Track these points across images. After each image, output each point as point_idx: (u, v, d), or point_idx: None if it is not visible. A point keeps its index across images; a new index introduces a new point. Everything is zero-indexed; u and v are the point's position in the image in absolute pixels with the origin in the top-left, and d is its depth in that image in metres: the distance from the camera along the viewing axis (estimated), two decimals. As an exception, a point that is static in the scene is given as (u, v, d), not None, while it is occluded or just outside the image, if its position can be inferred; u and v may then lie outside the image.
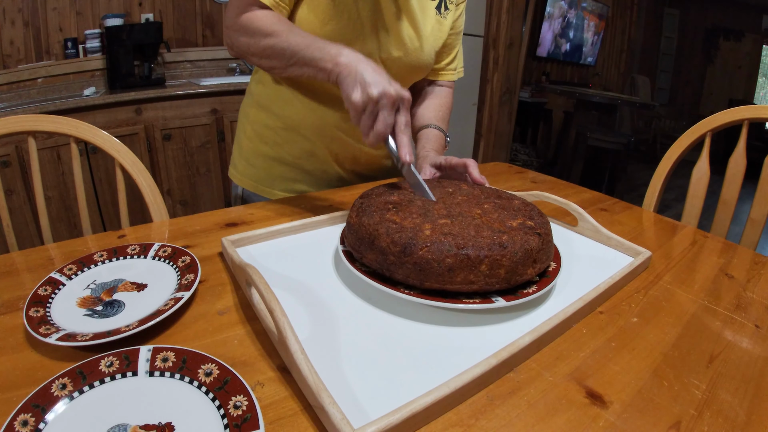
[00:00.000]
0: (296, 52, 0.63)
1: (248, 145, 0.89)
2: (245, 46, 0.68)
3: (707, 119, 0.92)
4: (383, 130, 0.56)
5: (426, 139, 0.83)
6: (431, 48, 0.81)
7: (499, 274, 0.45)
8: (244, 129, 0.90)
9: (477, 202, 0.55)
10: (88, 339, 0.38)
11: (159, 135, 2.05)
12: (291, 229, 0.63)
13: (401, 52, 0.77)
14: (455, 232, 0.46)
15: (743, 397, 0.38)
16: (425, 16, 0.79)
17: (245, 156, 0.90)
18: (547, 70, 4.46)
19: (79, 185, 0.82)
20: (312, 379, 0.33)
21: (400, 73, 0.80)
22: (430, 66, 0.84)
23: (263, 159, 0.87)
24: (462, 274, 0.44)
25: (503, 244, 0.45)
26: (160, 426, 0.31)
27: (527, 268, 0.46)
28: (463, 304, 0.44)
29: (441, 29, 0.82)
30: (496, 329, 0.45)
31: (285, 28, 0.65)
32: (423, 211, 0.51)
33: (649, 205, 0.94)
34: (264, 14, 0.67)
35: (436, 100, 0.91)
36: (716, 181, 0.93)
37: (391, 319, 0.46)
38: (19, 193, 1.73)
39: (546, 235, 0.50)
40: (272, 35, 0.65)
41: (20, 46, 1.98)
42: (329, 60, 0.60)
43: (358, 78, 0.56)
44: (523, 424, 0.34)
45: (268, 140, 0.85)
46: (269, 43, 0.65)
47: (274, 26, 0.65)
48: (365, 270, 0.49)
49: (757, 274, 0.61)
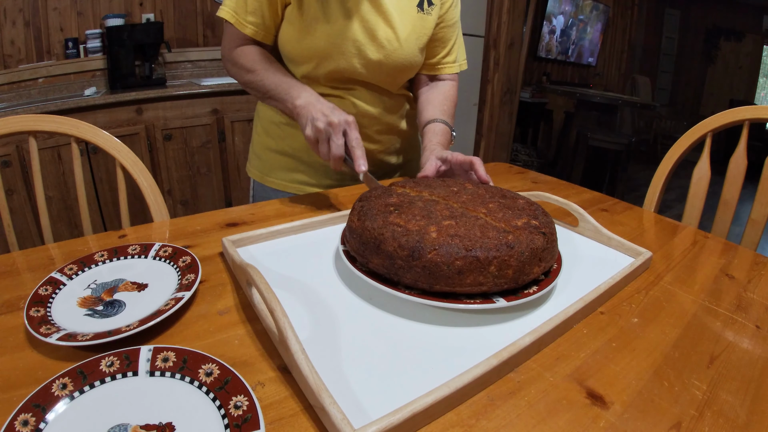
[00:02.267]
0: (268, 91, 0.78)
1: (257, 140, 0.96)
2: (234, 75, 0.83)
3: (708, 120, 0.92)
4: (336, 152, 0.66)
5: (432, 133, 0.84)
6: (413, 46, 0.83)
7: (507, 274, 0.45)
8: (256, 126, 0.98)
9: (482, 202, 0.55)
10: (88, 339, 0.38)
11: (160, 135, 2.05)
12: (291, 229, 0.63)
13: (381, 54, 0.80)
14: (461, 233, 0.46)
15: (744, 398, 0.38)
16: (403, 15, 0.81)
17: (255, 150, 0.97)
18: (547, 71, 4.46)
19: (79, 185, 0.82)
20: (312, 379, 0.33)
21: (386, 73, 0.83)
22: (417, 63, 0.86)
23: (268, 152, 0.94)
24: (471, 276, 0.44)
25: (510, 244, 0.45)
26: (161, 426, 0.31)
27: (533, 267, 0.47)
28: (463, 305, 0.44)
29: (424, 26, 0.83)
30: (496, 330, 0.45)
31: (262, 66, 0.78)
32: (426, 213, 0.50)
33: (650, 205, 0.94)
34: (250, 50, 0.80)
35: (439, 95, 0.92)
36: (717, 181, 0.93)
37: (392, 319, 0.46)
38: (20, 193, 1.73)
39: (551, 234, 0.50)
40: (251, 72, 0.79)
41: (21, 46, 1.98)
42: (289, 102, 0.74)
43: (309, 116, 0.69)
44: (523, 424, 0.34)
45: (273, 134, 0.92)
46: (249, 78, 0.80)
47: (255, 64, 0.78)
48: (365, 270, 0.49)
49: (757, 274, 0.61)
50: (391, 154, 0.96)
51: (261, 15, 0.77)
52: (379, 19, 0.78)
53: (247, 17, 0.77)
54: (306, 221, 0.64)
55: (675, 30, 5.29)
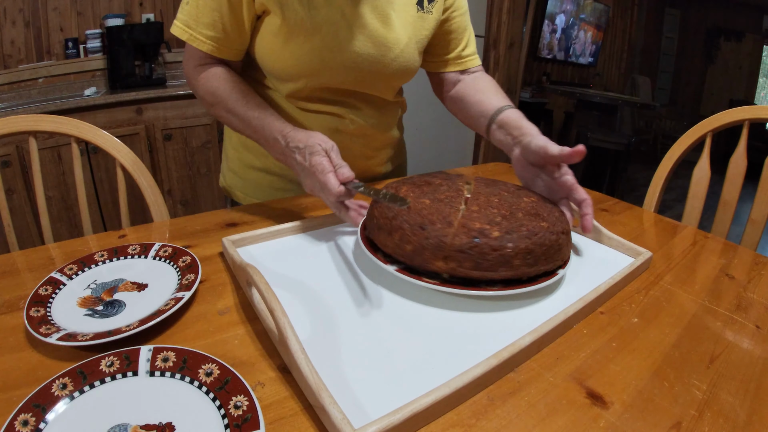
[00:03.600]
0: (235, 126, 0.71)
1: (234, 156, 0.86)
2: (200, 99, 0.74)
3: (708, 120, 0.92)
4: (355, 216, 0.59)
5: (517, 125, 0.69)
6: (414, 51, 0.75)
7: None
8: (229, 137, 0.87)
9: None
10: (88, 339, 0.38)
11: (160, 135, 2.05)
12: (291, 229, 0.63)
13: (380, 63, 0.72)
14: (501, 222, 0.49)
15: (744, 398, 0.38)
16: (403, 17, 0.72)
17: (232, 167, 0.87)
18: (547, 71, 4.45)
19: (79, 185, 0.82)
20: (312, 379, 0.33)
21: (384, 81, 0.76)
22: (415, 68, 0.78)
23: (251, 170, 0.84)
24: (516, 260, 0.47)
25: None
26: (161, 426, 0.31)
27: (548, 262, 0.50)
28: (478, 291, 0.47)
29: (425, 26, 0.75)
30: (496, 329, 0.45)
31: (228, 96, 0.68)
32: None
33: (650, 205, 0.94)
34: (213, 75, 0.70)
35: (486, 82, 0.81)
36: (717, 181, 0.92)
37: (392, 319, 0.46)
38: (20, 193, 1.73)
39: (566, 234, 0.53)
40: (213, 106, 0.71)
41: (21, 46, 1.98)
42: (269, 148, 0.67)
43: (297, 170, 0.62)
44: (523, 424, 0.34)
45: (253, 149, 0.82)
46: (213, 111, 0.72)
47: (216, 93, 0.69)
48: (380, 254, 0.52)
49: (757, 274, 0.61)
50: (385, 163, 0.91)
51: (221, 28, 0.65)
52: (378, 24, 0.70)
53: (203, 31, 0.66)
54: (306, 221, 0.64)
55: (675, 30, 5.28)
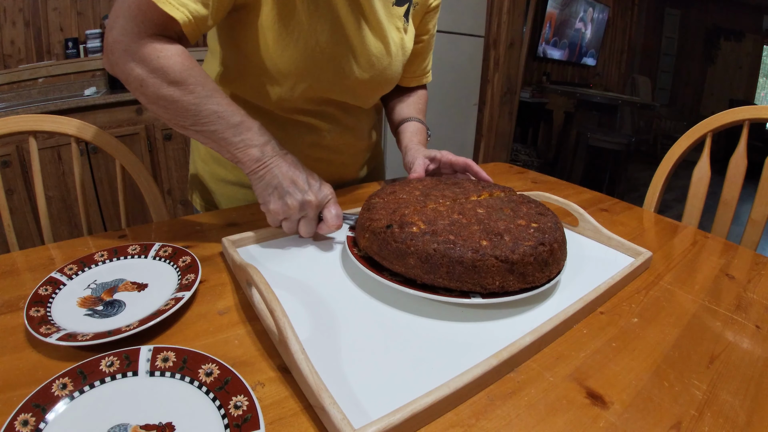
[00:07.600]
0: (200, 119, 0.53)
1: (203, 168, 0.81)
2: (136, 80, 0.52)
3: (708, 120, 0.92)
4: (307, 235, 0.58)
5: (411, 133, 0.81)
6: (399, 62, 0.76)
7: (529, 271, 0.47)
8: (197, 148, 0.81)
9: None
10: (88, 339, 0.38)
11: (160, 135, 2.05)
12: (291, 229, 0.63)
13: (369, 73, 0.71)
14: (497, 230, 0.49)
15: (744, 398, 0.38)
16: (392, 25, 0.72)
17: (203, 180, 0.81)
18: (547, 71, 4.46)
19: (79, 185, 0.82)
20: (312, 379, 0.33)
21: (371, 90, 0.76)
22: (398, 78, 0.79)
23: (222, 184, 0.79)
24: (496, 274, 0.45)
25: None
26: (161, 426, 0.31)
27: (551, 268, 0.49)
28: (467, 299, 0.45)
29: (408, 37, 0.76)
30: (496, 329, 0.45)
31: (197, 81, 0.53)
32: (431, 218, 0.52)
33: (650, 205, 0.94)
34: (174, 51, 0.52)
35: (412, 96, 0.89)
36: (717, 181, 0.93)
37: (392, 320, 0.46)
38: (20, 193, 1.73)
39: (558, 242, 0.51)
40: (178, 86, 0.52)
41: (21, 46, 1.98)
42: (240, 149, 0.55)
43: (276, 185, 0.55)
44: (523, 424, 0.34)
45: (225, 162, 0.77)
46: (170, 93, 0.52)
47: (185, 75, 0.52)
48: (361, 256, 0.51)
49: (757, 274, 0.61)
50: (362, 168, 0.91)
51: (205, 2, 0.53)
52: (369, 33, 0.68)
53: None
54: (306, 221, 0.64)
55: (675, 30, 5.29)
